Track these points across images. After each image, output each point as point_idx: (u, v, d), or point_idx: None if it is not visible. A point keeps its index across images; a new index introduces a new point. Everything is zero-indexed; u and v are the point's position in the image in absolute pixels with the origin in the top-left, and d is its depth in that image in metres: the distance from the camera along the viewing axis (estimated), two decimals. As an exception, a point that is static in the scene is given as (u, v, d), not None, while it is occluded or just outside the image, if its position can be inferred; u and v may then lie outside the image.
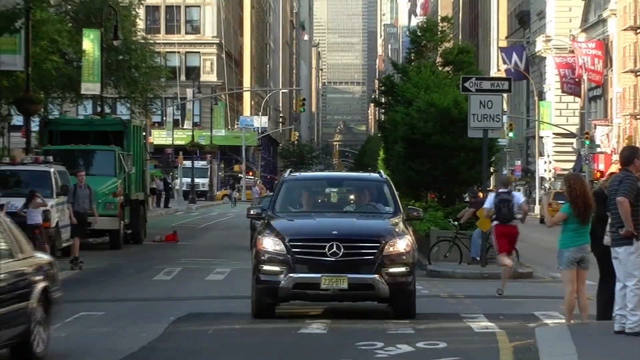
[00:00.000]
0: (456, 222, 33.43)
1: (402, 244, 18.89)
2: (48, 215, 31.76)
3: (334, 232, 18.85)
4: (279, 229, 19.27)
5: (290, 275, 18.57)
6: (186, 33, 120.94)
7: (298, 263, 18.62)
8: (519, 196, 28.36)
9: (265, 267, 18.79)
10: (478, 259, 31.15)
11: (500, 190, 26.91)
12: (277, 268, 18.72)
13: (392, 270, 18.60)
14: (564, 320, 17.49)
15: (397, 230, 19.30)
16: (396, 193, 20.94)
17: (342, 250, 18.49)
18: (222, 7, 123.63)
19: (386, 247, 18.67)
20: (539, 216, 77.47)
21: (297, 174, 24.47)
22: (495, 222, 26.23)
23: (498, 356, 15.18)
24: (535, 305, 21.65)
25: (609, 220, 15.64)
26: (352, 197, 21.63)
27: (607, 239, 15.64)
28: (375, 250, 18.57)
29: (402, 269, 18.75)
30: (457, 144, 37.91)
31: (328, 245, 18.52)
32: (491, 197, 27.27)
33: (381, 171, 26.06)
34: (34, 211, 31.00)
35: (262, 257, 18.87)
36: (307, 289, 18.94)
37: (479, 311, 20.73)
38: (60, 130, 44.58)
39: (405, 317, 18.99)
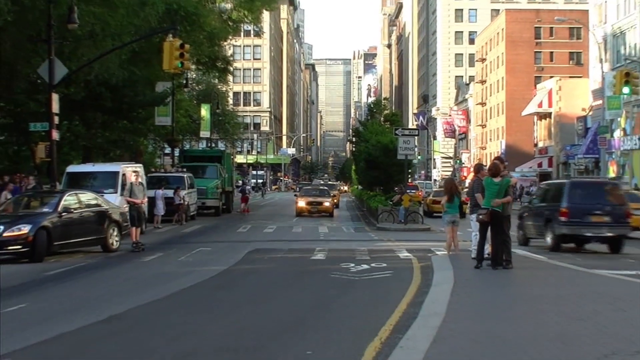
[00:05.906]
0: (391, 202, 33.36)
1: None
2: (184, 198, 31.70)
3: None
4: None
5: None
6: (253, 105, 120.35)
7: None
8: None
9: None
10: (402, 221, 31.09)
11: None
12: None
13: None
14: (445, 252, 17.46)
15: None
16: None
17: None
18: (272, 93, 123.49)
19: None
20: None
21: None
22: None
23: (412, 270, 15.07)
24: (431, 245, 21.60)
25: (470, 201, 15.64)
26: None
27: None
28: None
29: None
30: (392, 162, 37.78)
31: None
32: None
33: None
34: (177, 197, 31.04)
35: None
36: None
37: (403, 248, 20.67)
38: (190, 155, 44.78)
39: None
